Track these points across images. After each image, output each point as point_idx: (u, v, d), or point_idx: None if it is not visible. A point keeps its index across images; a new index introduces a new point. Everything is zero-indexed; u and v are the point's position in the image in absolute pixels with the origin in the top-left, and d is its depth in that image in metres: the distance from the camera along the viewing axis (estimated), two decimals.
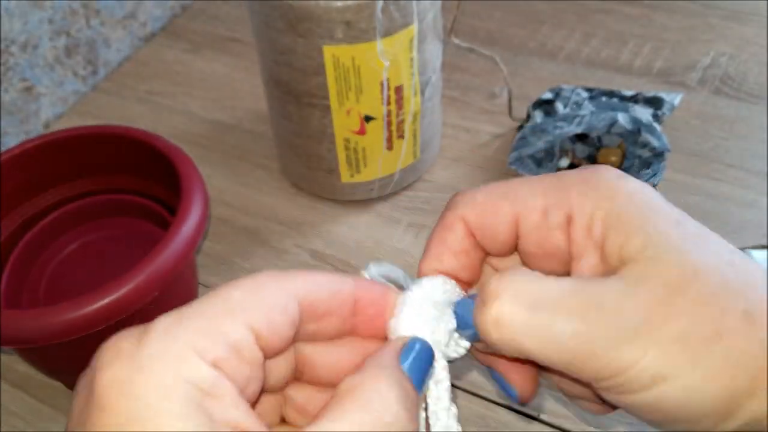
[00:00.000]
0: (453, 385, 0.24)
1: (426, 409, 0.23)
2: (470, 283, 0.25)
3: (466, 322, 0.22)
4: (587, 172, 0.22)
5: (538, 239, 0.22)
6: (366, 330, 0.22)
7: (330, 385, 0.22)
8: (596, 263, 0.21)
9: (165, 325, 0.18)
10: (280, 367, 0.22)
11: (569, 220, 0.21)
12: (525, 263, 0.23)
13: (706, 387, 0.18)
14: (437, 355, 0.23)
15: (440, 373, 0.23)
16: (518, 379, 0.23)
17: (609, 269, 0.20)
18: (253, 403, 0.19)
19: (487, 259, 0.25)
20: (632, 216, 0.20)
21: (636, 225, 0.20)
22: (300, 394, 0.23)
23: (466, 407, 0.44)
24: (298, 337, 0.21)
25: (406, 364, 0.20)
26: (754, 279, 0.19)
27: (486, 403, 0.45)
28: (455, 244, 0.23)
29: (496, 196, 0.22)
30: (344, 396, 0.18)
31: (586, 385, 0.21)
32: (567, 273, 0.22)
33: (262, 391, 0.20)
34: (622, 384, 0.19)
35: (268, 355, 0.20)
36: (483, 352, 0.24)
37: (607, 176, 0.21)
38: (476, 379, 0.46)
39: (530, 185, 0.22)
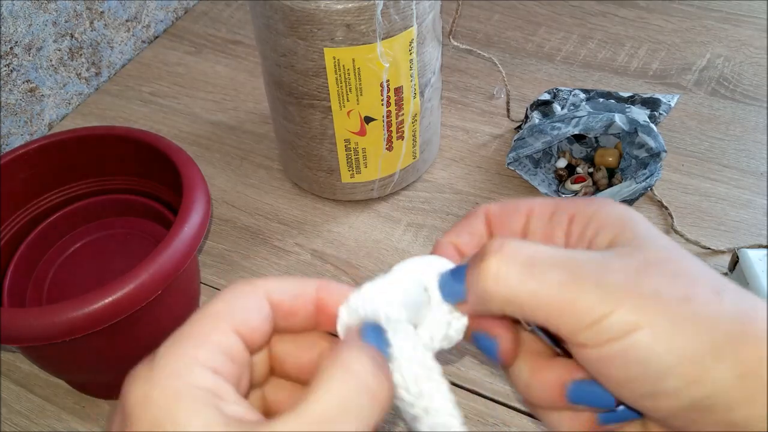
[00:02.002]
0: (453, 384, 0.25)
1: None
2: None
3: (450, 289, 0.24)
4: (593, 197, 0.25)
5: (542, 235, 0.25)
6: (327, 324, 0.25)
7: (298, 379, 0.26)
8: None
9: (168, 346, 0.21)
10: (259, 364, 0.25)
11: (571, 220, 0.24)
12: None
13: (672, 340, 0.20)
14: (414, 343, 0.23)
15: (424, 363, 0.23)
16: (501, 332, 0.25)
17: None
18: (245, 398, 0.22)
19: None
20: (625, 221, 0.23)
21: (627, 226, 0.23)
22: (275, 389, 0.26)
23: (465, 405, 0.45)
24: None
25: (365, 339, 0.23)
26: (730, 283, 0.21)
27: (484, 401, 0.45)
28: (474, 226, 0.26)
29: (519, 199, 0.26)
30: (327, 369, 0.21)
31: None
32: None
33: (249, 386, 0.23)
34: (597, 334, 0.21)
35: (253, 351, 0.23)
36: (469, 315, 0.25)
37: (608, 200, 0.24)
38: (475, 376, 0.46)
39: (547, 198, 0.26)
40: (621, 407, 0.23)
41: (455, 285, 0.24)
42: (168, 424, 0.19)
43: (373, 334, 0.23)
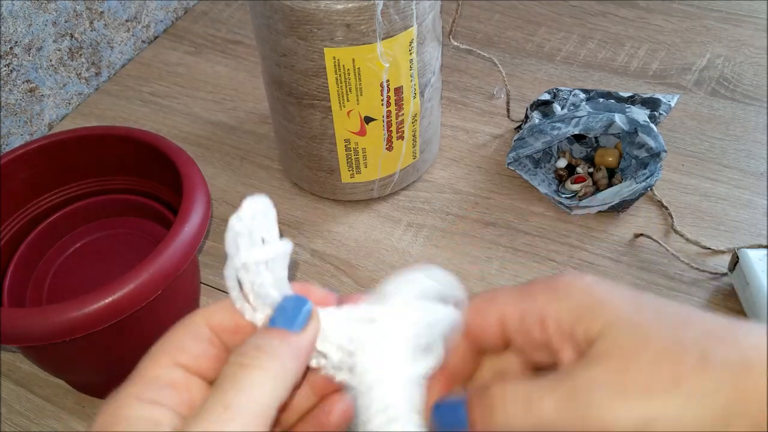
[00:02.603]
0: None
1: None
2: (465, 377, 0.28)
3: (449, 420, 0.26)
4: (550, 278, 0.26)
5: (523, 339, 0.26)
6: None
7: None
8: (572, 353, 0.24)
9: (119, 390, 0.24)
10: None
11: (542, 322, 0.25)
12: (520, 354, 0.27)
13: (680, 422, 0.21)
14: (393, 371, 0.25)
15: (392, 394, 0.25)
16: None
17: (581, 352, 0.24)
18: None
19: (486, 358, 0.28)
20: (590, 307, 0.24)
21: (594, 313, 0.24)
22: None
23: None
24: None
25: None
26: (714, 328, 0.22)
27: None
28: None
29: (484, 301, 0.27)
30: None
31: None
32: (554, 360, 0.26)
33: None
34: None
35: (211, 372, 0.25)
36: None
37: (566, 279, 0.25)
38: None
39: (507, 295, 0.26)
40: None
41: (454, 417, 0.25)
42: None
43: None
